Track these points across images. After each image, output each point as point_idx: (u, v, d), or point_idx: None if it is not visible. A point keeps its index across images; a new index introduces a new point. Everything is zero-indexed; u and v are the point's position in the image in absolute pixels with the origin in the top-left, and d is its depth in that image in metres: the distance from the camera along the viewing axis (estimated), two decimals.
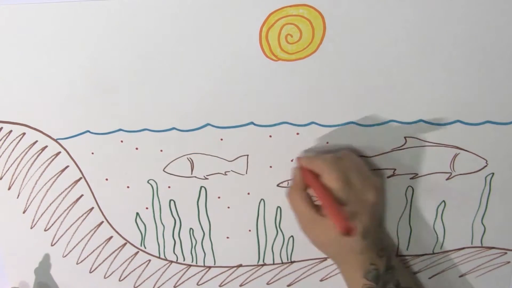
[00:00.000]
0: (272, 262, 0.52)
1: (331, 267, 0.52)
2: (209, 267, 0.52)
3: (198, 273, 0.52)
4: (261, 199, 0.49)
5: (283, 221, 0.50)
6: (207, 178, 0.48)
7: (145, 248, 0.51)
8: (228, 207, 0.49)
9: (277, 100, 0.45)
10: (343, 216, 0.38)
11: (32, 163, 0.47)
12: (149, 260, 0.52)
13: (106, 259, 0.51)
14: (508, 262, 0.51)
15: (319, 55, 0.43)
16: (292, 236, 0.50)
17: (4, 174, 0.48)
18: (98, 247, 0.51)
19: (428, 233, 0.50)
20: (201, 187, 0.49)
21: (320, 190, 0.41)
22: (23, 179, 0.48)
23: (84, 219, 0.50)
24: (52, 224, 0.50)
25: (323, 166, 0.42)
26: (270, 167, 0.48)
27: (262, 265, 0.52)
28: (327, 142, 0.47)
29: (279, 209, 0.49)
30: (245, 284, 0.53)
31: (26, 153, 0.47)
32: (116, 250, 0.51)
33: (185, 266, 0.52)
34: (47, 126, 0.46)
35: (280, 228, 0.50)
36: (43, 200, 0.49)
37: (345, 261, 0.43)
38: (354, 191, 0.41)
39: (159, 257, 0.52)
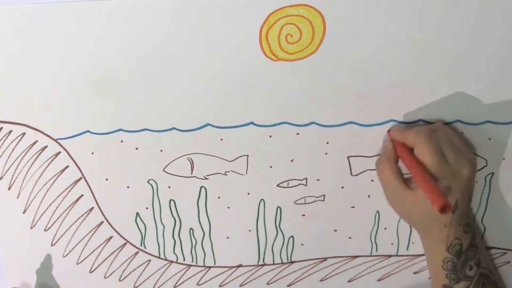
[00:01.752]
0: (272, 262, 0.52)
1: (331, 267, 0.52)
2: (209, 267, 0.52)
3: (198, 273, 0.52)
4: (261, 199, 0.49)
5: (283, 221, 0.50)
6: (207, 178, 0.48)
7: (145, 248, 0.51)
8: (228, 207, 0.49)
9: (277, 100, 0.45)
10: (440, 193, 0.37)
11: (32, 163, 0.47)
12: (149, 260, 0.52)
13: (106, 259, 0.51)
14: (508, 262, 0.51)
15: (319, 55, 0.43)
16: (292, 236, 0.50)
17: (4, 174, 0.48)
18: (98, 247, 0.51)
19: None
20: (201, 187, 0.49)
21: (413, 164, 0.40)
22: (23, 179, 0.48)
23: (84, 219, 0.50)
24: (52, 224, 0.50)
25: (416, 139, 0.41)
26: (270, 167, 0.48)
27: (262, 265, 0.52)
28: (327, 142, 0.47)
29: (279, 209, 0.49)
30: (245, 284, 0.53)
31: (26, 153, 0.47)
32: (116, 250, 0.51)
33: (185, 266, 0.52)
34: (47, 126, 0.46)
35: (280, 228, 0.50)
36: (43, 200, 0.49)
37: (431, 233, 0.42)
38: (448, 166, 0.40)
39: (159, 257, 0.52)
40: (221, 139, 0.47)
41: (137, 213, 0.50)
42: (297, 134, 0.46)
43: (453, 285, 0.42)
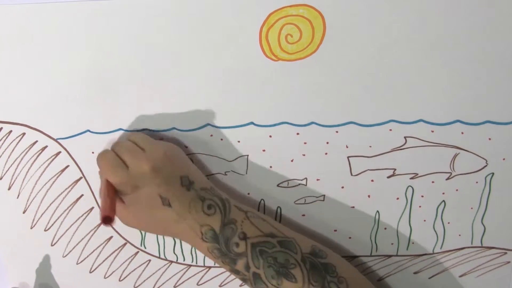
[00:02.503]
0: None
1: None
2: (209, 267, 0.52)
3: (198, 273, 0.52)
4: (261, 199, 0.49)
5: (283, 221, 0.50)
6: (207, 178, 0.48)
7: (145, 248, 0.51)
8: None
9: (277, 100, 0.45)
10: (105, 207, 0.38)
11: (32, 163, 0.47)
12: (149, 260, 0.52)
13: (106, 259, 0.51)
14: (508, 262, 0.51)
15: (319, 55, 0.43)
16: None
17: (4, 174, 0.48)
18: (98, 247, 0.51)
19: (428, 233, 0.50)
20: None
21: (101, 190, 0.41)
22: (23, 179, 0.48)
23: (84, 219, 0.50)
24: (52, 224, 0.50)
25: (97, 161, 0.41)
26: (270, 167, 0.48)
27: None
28: (327, 142, 0.47)
29: (279, 209, 0.49)
30: (245, 284, 0.53)
31: (26, 153, 0.47)
32: (116, 250, 0.51)
33: (185, 266, 0.52)
34: (47, 126, 0.46)
35: None
36: (43, 200, 0.49)
37: (178, 233, 0.41)
38: (127, 171, 0.40)
39: (159, 257, 0.51)
40: (221, 139, 0.47)
41: None
42: (297, 134, 0.46)
43: (233, 267, 0.40)
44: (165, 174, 0.40)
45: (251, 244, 0.40)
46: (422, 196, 0.49)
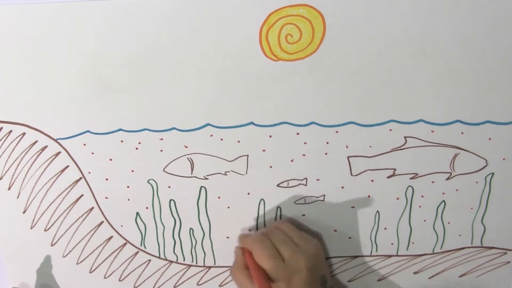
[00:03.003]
0: None
1: (331, 267, 0.52)
2: (209, 267, 0.52)
3: (198, 273, 0.52)
4: (261, 199, 0.49)
5: None
6: (207, 178, 0.48)
7: (145, 248, 0.51)
8: (228, 207, 0.49)
9: (277, 100, 0.45)
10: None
11: (32, 163, 0.47)
12: (149, 260, 0.52)
13: (106, 259, 0.51)
14: (508, 262, 0.51)
15: (319, 55, 0.43)
16: None
17: (4, 174, 0.48)
18: (98, 247, 0.51)
19: (428, 233, 0.50)
20: (201, 187, 0.49)
21: (252, 269, 0.43)
22: (23, 179, 0.48)
23: (84, 219, 0.50)
24: (52, 224, 0.50)
25: (253, 245, 0.43)
26: (270, 167, 0.48)
27: None
28: (327, 142, 0.47)
29: (279, 209, 0.49)
30: None
31: (26, 153, 0.47)
32: (116, 250, 0.51)
33: (185, 266, 0.52)
34: (47, 126, 0.46)
35: None
36: (43, 200, 0.49)
37: None
38: (284, 264, 0.42)
39: (159, 257, 0.52)
40: (221, 139, 0.47)
41: (137, 213, 0.50)
42: (297, 134, 0.46)
43: None
44: (314, 273, 0.43)
45: None
46: (422, 196, 0.49)
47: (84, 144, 0.47)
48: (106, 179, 0.48)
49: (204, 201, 0.49)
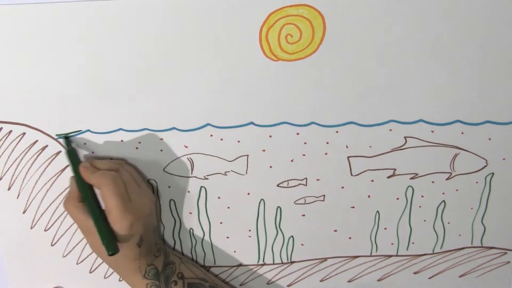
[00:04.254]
0: (272, 262, 0.52)
1: (331, 267, 0.52)
2: (209, 267, 0.52)
3: None
4: (261, 199, 0.49)
5: (283, 221, 0.50)
6: (207, 178, 0.48)
7: None
8: (228, 207, 0.49)
9: (277, 100, 0.45)
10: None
11: (32, 163, 0.47)
12: None
13: None
14: (508, 262, 0.51)
15: (319, 55, 0.43)
16: (292, 236, 0.50)
17: (4, 174, 0.48)
18: None
19: (428, 233, 0.50)
20: (201, 187, 0.49)
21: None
22: (23, 179, 0.48)
23: None
24: (52, 224, 0.50)
25: (101, 182, 0.42)
26: (270, 167, 0.48)
27: (262, 265, 0.52)
28: (327, 142, 0.47)
29: (279, 209, 0.49)
30: (245, 284, 0.53)
31: (26, 153, 0.47)
32: None
33: None
34: (47, 125, 0.46)
35: (280, 228, 0.50)
36: (43, 200, 0.49)
37: (124, 267, 0.44)
38: (131, 205, 0.42)
39: None
40: (221, 139, 0.47)
41: None
42: (297, 134, 0.46)
43: None
44: (151, 222, 0.45)
45: (188, 284, 0.46)
46: (422, 196, 0.49)
47: (84, 144, 0.47)
48: None
49: (204, 201, 0.49)
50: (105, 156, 0.47)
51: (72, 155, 0.45)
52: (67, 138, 0.46)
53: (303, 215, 0.50)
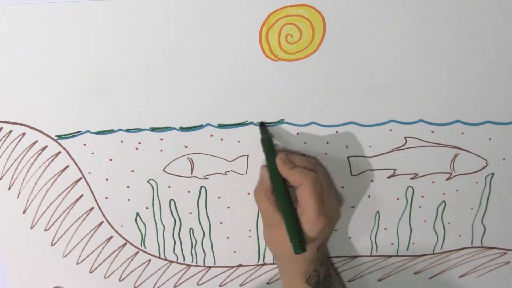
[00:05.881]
0: (272, 262, 0.52)
1: (331, 267, 0.52)
2: (209, 267, 0.52)
3: (198, 273, 0.52)
4: None
5: None
6: (207, 178, 0.48)
7: (145, 248, 0.51)
8: (228, 207, 0.49)
9: (277, 100, 0.45)
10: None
11: (32, 163, 0.47)
12: (149, 260, 0.52)
13: (106, 259, 0.51)
14: (508, 262, 0.51)
15: (319, 55, 0.43)
16: None
17: (4, 174, 0.48)
18: (98, 247, 0.51)
19: (428, 233, 0.50)
20: (201, 187, 0.49)
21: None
22: (23, 179, 0.48)
23: (84, 219, 0.50)
24: (52, 224, 0.50)
25: (302, 181, 0.41)
26: None
27: (262, 265, 0.52)
28: (327, 142, 0.47)
29: None
30: (245, 284, 0.53)
31: (26, 153, 0.47)
32: (116, 250, 0.51)
33: (185, 266, 0.52)
34: (47, 126, 0.46)
35: None
36: (43, 200, 0.49)
37: (293, 267, 0.44)
38: (324, 208, 0.41)
39: (159, 257, 0.52)
40: (221, 139, 0.47)
41: (137, 213, 0.50)
42: (297, 134, 0.46)
43: None
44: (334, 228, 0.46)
45: None
46: (422, 196, 0.49)
47: (84, 144, 0.47)
48: (106, 179, 0.48)
49: (204, 201, 0.49)
50: (105, 156, 0.47)
51: (267, 143, 0.45)
52: (262, 125, 0.45)
53: None
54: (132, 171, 0.48)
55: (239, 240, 0.51)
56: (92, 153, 0.47)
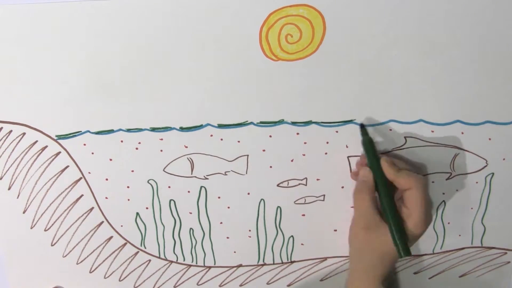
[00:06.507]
0: (272, 262, 0.52)
1: (331, 267, 0.52)
2: (209, 267, 0.52)
3: (198, 273, 0.52)
4: (261, 199, 0.49)
5: (283, 221, 0.50)
6: (207, 178, 0.48)
7: (145, 248, 0.51)
8: (228, 207, 0.49)
9: (277, 100, 0.45)
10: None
11: (32, 163, 0.47)
12: (149, 260, 0.52)
13: (106, 259, 0.51)
14: (508, 262, 0.51)
15: (319, 55, 0.43)
16: (292, 236, 0.50)
17: (4, 174, 0.48)
18: (98, 247, 0.51)
19: (428, 233, 0.50)
20: (201, 187, 0.49)
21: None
22: (23, 179, 0.48)
23: (84, 219, 0.50)
24: (52, 224, 0.50)
25: (414, 185, 0.41)
26: (270, 167, 0.48)
27: (262, 265, 0.52)
28: (327, 142, 0.47)
29: (279, 209, 0.49)
30: (245, 284, 0.53)
31: (26, 153, 0.47)
32: (116, 250, 0.51)
33: (185, 266, 0.52)
34: (47, 126, 0.46)
35: (280, 228, 0.50)
36: (43, 200, 0.49)
37: (374, 267, 0.44)
38: (427, 213, 0.42)
39: (159, 257, 0.52)
40: (221, 139, 0.47)
41: (137, 213, 0.50)
42: (297, 134, 0.46)
43: None
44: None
45: None
46: None
47: (84, 144, 0.47)
48: (106, 179, 0.48)
49: (204, 201, 0.49)
50: (105, 156, 0.47)
51: (369, 144, 0.45)
52: (363, 126, 0.45)
53: (303, 215, 0.50)
54: (132, 171, 0.48)
55: (239, 240, 0.51)
56: (92, 153, 0.47)
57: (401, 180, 0.42)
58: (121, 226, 0.50)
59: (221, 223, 0.50)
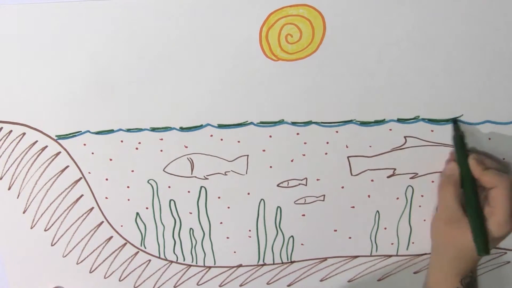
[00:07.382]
0: (272, 262, 0.52)
1: (331, 267, 0.52)
2: (209, 267, 0.52)
3: (198, 273, 0.52)
4: (261, 199, 0.49)
5: (283, 221, 0.50)
6: (207, 178, 0.48)
7: (145, 248, 0.51)
8: (228, 207, 0.49)
9: (277, 100, 0.45)
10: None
11: (32, 163, 0.47)
12: (149, 260, 0.52)
13: (106, 259, 0.51)
14: (508, 262, 0.51)
15: (319, 55, 0.43)
16: (292, 236, 0.50)
17: (4, 174, 0.48)
18: (98, 247, 0.51)
19: (428, 233, 0.50)
20: (201, 187, 0.49)
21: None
22: (23, 179, 0.48)
23: (84, 219, 0.50)
24: (52, 224, 0.50)
25: (500, 182, 0.42)
26: (270, 167, 0.48)
27: (262, 265, 0.52)
28: (327, 142, 0.47)
29: (279, 209, 0.49)
30: (245, 284, 0.53)
31: (26, 153, 0.47)
32: (116, 250, 0.51)
33: (185, 266, 0.52)
34: (47, 126, 0.46)
35: (280, 228, 0.50)
36: (43, 200, 0.49)
37: (454, 264, 0.44)
38: (510, 214, 0.42)
39: (159, 257, 0.52)
40: (221, 139, 0.47)
41: (137, 213, 0.50)
42: (297, 134, 0.46)
43: None
44: None
45: None
46: (422, 196, 0.49)
47: (84, 144, 0.47)
48: (106, 179, 0.48)
49: (204, 201, 0.49)
50: (105, 156, 0.47)
51: (460, 140, 0.45)
52: (455, 122, 0.45)
53: (303, 215, 0.50)
54: (132, 171, 0.48)
55: (239, 240, 0.51)
56: (92, 153, 0.47)
57: (486, 178, 0.43)
58: (121, 226, 0.50)
59: (221, 223, 0.50)
